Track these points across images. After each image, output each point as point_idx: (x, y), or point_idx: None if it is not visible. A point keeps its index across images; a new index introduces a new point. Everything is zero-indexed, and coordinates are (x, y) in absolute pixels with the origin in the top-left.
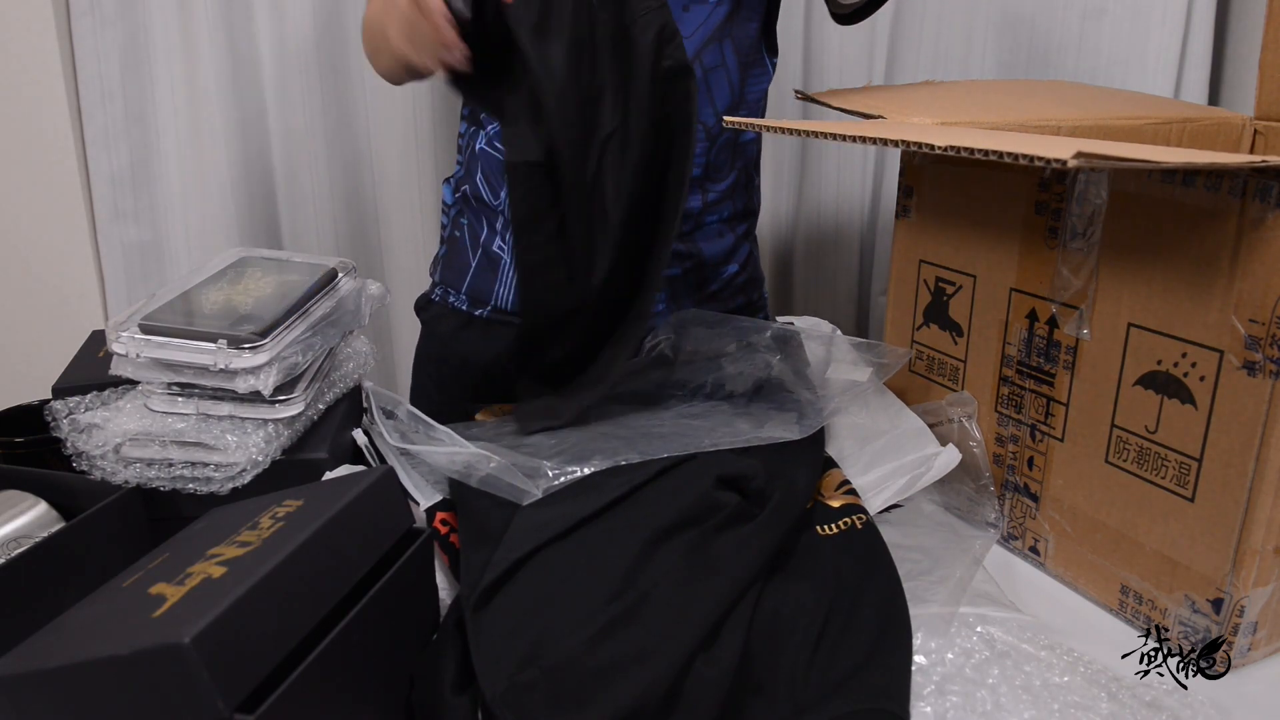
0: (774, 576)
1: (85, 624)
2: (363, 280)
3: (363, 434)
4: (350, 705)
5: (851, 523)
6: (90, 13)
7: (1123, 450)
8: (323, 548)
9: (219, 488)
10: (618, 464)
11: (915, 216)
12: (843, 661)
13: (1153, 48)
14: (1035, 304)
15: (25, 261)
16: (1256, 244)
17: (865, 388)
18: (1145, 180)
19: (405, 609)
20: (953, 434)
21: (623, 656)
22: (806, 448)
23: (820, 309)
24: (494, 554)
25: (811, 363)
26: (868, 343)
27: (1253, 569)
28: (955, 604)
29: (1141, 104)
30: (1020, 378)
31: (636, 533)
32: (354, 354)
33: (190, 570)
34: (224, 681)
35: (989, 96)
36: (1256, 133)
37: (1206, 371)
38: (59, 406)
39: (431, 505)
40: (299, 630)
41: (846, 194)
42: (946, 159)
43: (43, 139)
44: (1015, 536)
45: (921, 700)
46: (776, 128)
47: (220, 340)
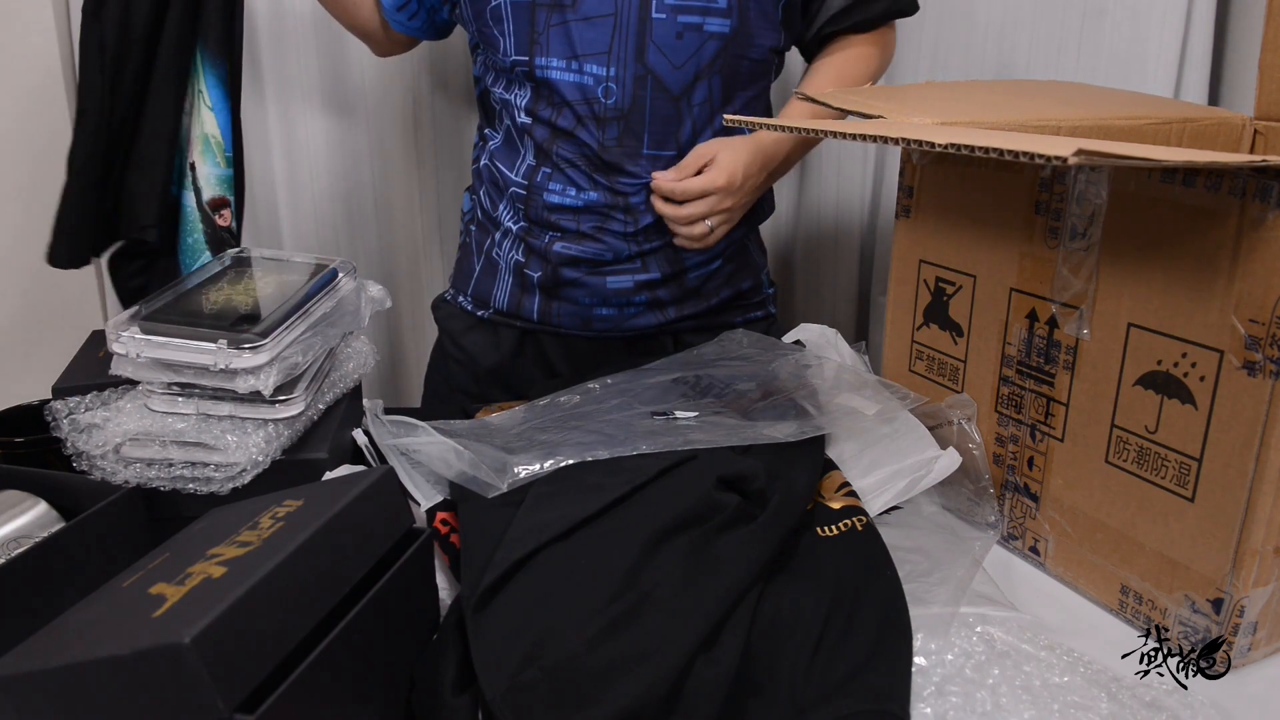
0: (774, 577)
1: (85, 624)
2: (363, 281)
3: (363, 434)
4: (350, 705)
5: (852, 524)
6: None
7: (1123, 450)
8: (323, 548)
9: (219, 488)
10: (584, 459)
11: (915, 216)
12: (843, 662)
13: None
14: (1035, 304)
15: (25, 261)
16: (1256, 244)
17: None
18: (1145, 180)
19: (405, 609)
20: (952, 436)
21: (623, 657)
22: (807, 450)
23: (820, 309)
24: (494, 554)
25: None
26: (882, 381)
27: (1253, 569)
28: (955, 605)
29: (1141, 104)
30: (1020, 378)
31: (637, 533)
32: (354, 354)
33: (190, 570)
34: (224, 681)
35: (989, 96)
36: (1256, 133)
37: (1206, 371)
38: (59, 406)
39: (432, 505)
40: (299, 630)
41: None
42: (947, 159)
43: (43, 139)
44: (1015, 537)
45: (921, 701)
46: (777, 126)
47: (220, 340)
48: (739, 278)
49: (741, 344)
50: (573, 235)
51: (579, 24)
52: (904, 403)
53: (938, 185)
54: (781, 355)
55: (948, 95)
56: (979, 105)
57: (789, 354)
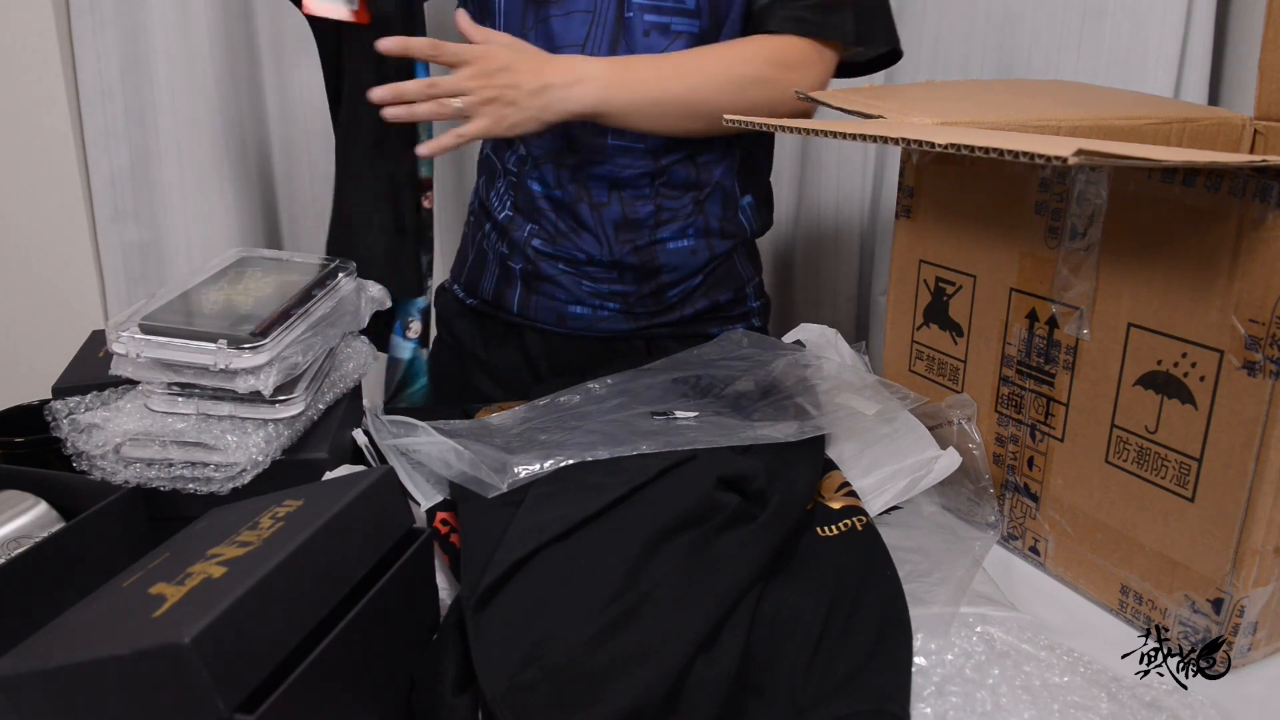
0: (774, 578)
1: (85, 624)
2: (362, 281)
3: (363, 434)
4: (350, 705)
5: (852, 524)
6: (90, 13)
7: (1123, 450)
8: (323, 548)
9: (219, 488)
10: (584, 459)
11: (915, 216)
12: (843, 662)
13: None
14: (1035, 304)
15: (25, 261)
16: (1256, 244)
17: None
18: (1145, 180)
19: (405, 609)
20: (952, 436)
21: (623, 657)
22: (807, 450)
23: (820, 309)
24: (494, 554)
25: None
26: (882, 381)
27: (1253, 569)
28: (955, 605)
29: (1141, 104)
30: (1020, 378)
31: (637, 533)
32: (354, 354)
33: (190, 570)
34: (224, 681)
35: (989, 96)
36: (1256, 133)
37: (1206, 371)
38: (59, 406)
39: (432, 505)
40: (299, 630)
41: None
42: (947, 159)
43: (43, 139)
44: (1015, 536)
45: (921, 701)
46: (777, 126)
47: (220, 340)
48: (718, 290)
49: (741, 344)
50: (550, 231)
51: (560, 19)
52: (904, 403)
53: (938, 185)
54: (781, 355)
55: (948, 95)
56: (979, 105)
57: (789, 354)
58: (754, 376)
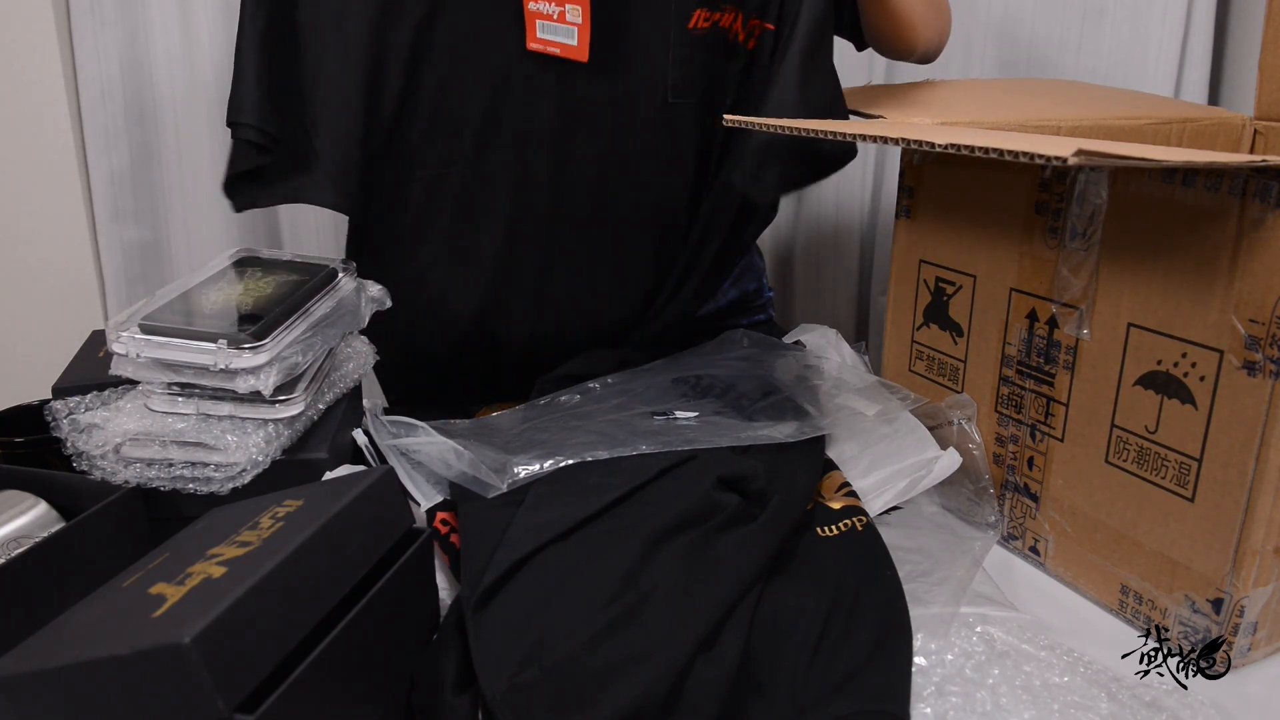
0: (774, 578)
1: (85, 624)
2: (363, 281)
3: (363, 434)
4: (350, 705)
5: (852, 524)
6: (90, 13)
7: (1123, 450)
8: (323, 548)
9: (219, 488)
10: (584, 459)
11: (915, 216)
12: (843, 663)
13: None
14: (1035, 304)
15: (25, 261)
16: (1256, 244)
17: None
18: (1145, 180)
19: (405, 609)
20: (952, 436)
21: (623, 657)
22: (807, 450)
23: (820, 309)
24: (494, 554)
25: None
26: (882, 381)
27: (1253, 569)
28: (955, 605)
29: (1141, 104)
30: (1020, 378)
31: (637, 533)
32: (354, 354)
33: (190, 570)
34: (224, 681)
35: (989, 96)
36: (1256, 133)
37: (1206, 371)
38: (59, 406)
39: (432, 505)
40: (299, 630)
41: (846, 194)
42: (946, 159)
43: (43, 139)
44: (1015, 536)
45: (921, 701)
46: (777, 127)
47: (220, 340)
48: (745, 280)
49: (741, 344)
50: None
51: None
52: (904, 403)
53: (938, 185)
54: (781, 355)
55: (948, 95)
56: (979, 105)
57: (789, 354)
58: (754, 376)
